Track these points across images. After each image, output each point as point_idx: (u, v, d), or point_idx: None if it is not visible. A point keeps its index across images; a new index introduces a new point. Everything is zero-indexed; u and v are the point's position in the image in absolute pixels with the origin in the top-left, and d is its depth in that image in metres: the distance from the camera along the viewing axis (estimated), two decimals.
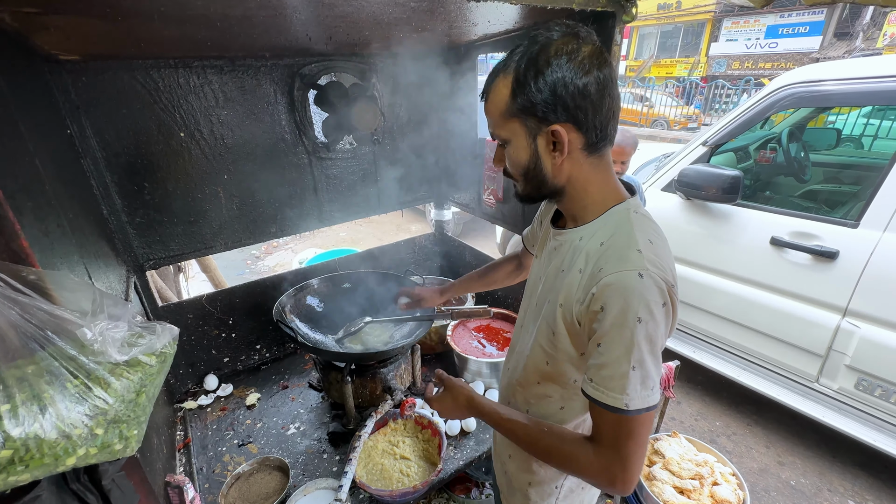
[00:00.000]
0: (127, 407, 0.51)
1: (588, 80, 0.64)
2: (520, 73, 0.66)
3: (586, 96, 0.64)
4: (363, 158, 1.77)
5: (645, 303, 0.61)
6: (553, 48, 0.64)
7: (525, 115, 0.68)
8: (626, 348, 0.62)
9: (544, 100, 0.65)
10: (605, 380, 0.64)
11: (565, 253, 0.76)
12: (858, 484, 2.14)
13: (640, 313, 0.61)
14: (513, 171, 0.76)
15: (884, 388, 1.89)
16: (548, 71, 0.63)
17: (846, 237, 1.91)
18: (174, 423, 1.45)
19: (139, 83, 1.25)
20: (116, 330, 0.48)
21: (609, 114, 0.68)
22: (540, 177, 0.73)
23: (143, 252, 1.41)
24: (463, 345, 1.62)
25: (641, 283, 0.62)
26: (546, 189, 0.74)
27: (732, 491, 1.59)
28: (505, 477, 0.98)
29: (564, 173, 0.72)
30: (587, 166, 0.72)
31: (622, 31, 1.08)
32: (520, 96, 0.67)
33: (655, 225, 0.73)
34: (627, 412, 0.63)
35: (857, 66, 2.01)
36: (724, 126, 2.37)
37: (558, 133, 0.66)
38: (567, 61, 0.63)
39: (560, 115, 0.66)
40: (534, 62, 0.64)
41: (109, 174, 1.28)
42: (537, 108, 0.66)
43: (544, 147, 0.70)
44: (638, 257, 0.64)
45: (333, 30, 1.11)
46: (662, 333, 0.65)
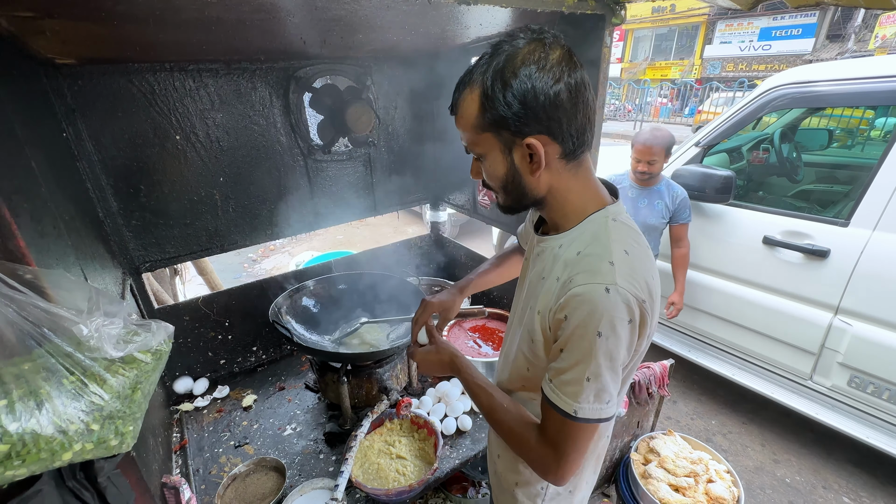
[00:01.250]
0: (122, 403, 0.52)
1: (559, 87, 0.61)
2: (486, 86, 0.63)
3: (559, 105, 0.62)
4: (358, 160, 1.78)
5: (608, 318, 0.61)
6: (519, 57, 0.61)
7: (497, 129, 0.65)
8: (584, 360, 0.63)
9: (515, 113, 0.62)
10: (561, 384, 0.66)
11: (546, 260, 0.75)
12: (853, 481, 2.16)
13: (602, 328, 0.61)
14: (491, 184, 0.74)
15: (876, 384, 1.91)
16: (516, 82, 0.61)
17: (837, 236, 1.93)
18: (170, 425, 1.45)
19: (135, 87, 1.26)
20: (112, 326, 0.49)
21: (584, 119, 0.65)
22: (519, 189, 0.71)
23: (138, 254, 1.42)
24: (458, 345, 1.63)
25: (606, 299, 0.60)
26: (527, 200, 0.73)
27: (727, 488, 1.60)
28: (495, 476, 0.99)
29: (544, 184, 0.70)
30: (566, 174, 0.70)
31: (612, 33, 1.10)
32: (489, 111, 0.64)
33: (635, 233, 0.72)
34: (575, 419, 0.65)
35: (848, 67, 2.04)
36: (717, 127, 2.40)
37: (533, 146, 0.64)
38: (536, 70, 0.60)
39: (533, 127, 0.63)
40: (500, 74, 0.61)
41: (105, 177, 1.29)
42: (509, 122, 0.63)
43: (521, 160, 0.67)
44: (609, 270, 0.62)
45: (327, 33, 1.12)
46: (624, 349, 0.64)
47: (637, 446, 1.81)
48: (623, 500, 1.70)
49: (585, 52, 1.15)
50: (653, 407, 1.87)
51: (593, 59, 1.13)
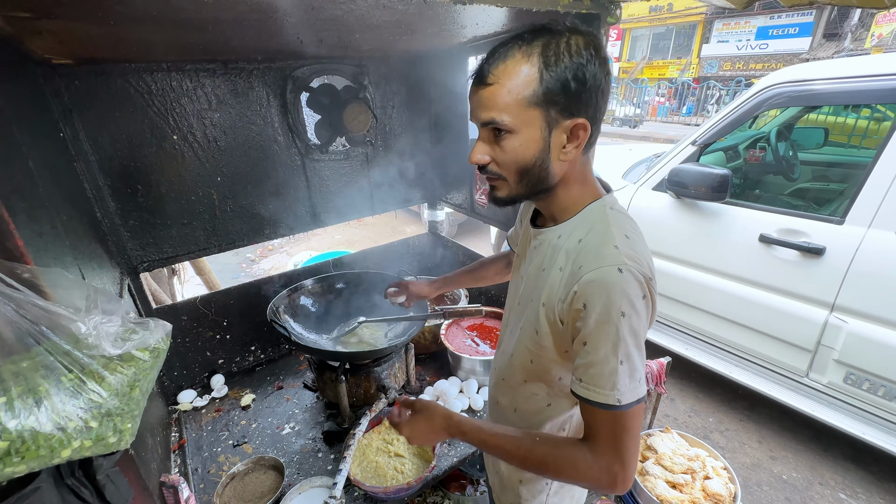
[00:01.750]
0: (121, 401, 0.52)
1: (604, 80, 0.64)
2: (549, 57, 0.61)
3: (604, 94, 0.65)
4: (356, 160, 1.78)
5: (627, 297, 0.62)
6: (581, 41, 0.62)
7: (547, 106, 0.63)
8: (613, 344, 0.62)
9: (575, 91, 0.62)
10: (594, 378, 0.64)
11: (545, 252, 0.76)
12: (849, 477, 2.17)
13: (624, 308, 0.62)
14: (507, 165, 0.69)
15: (871, 381, 1.92)
16: (580, 61, 0.61)
17: (832, 234, 1.95)
18: (169, 424, 1.45)
19: (132, 87, 1.26)
20: (110, 324, 0.50)
21: (605, 112, 0.69)
22: (541, 174, 0.69)
23: (136, 254, 1.42)
24: (456, 343, 1.64)
25: (622, 278, 0.62)
26: (540, 187, 0.71)
27: (724, 484, 1.61)
28: (497, 476, 0.98)
29: (563, 171, 0.70)
30: (579, 164, 0.71)
31: (608, 32, 1.10)
32: (547, 83, 0.61)
33: (632, 221, 0.74)
34: (621, 407, 0.63)
35: (844, 65, 2.05)
36: (713, 125, 2.41)
37: (584, 127, 0.65)
38: (594, 56, 0.62)
39: (583, 110, 0.64)
40: (567, 51, 0.61)
41: (103, 177, 1.29)
42: (565, 100, 0.62)
43: (557, 142, 0.66)
44: (615, 253, 0.64)
45: (324, 32, 1.12)
46: (645, 325, 0.66)
47: None
48: (621, 497, 1.71)
49: None
50: (650, 404, 1.88)
51: None
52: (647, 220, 2.61)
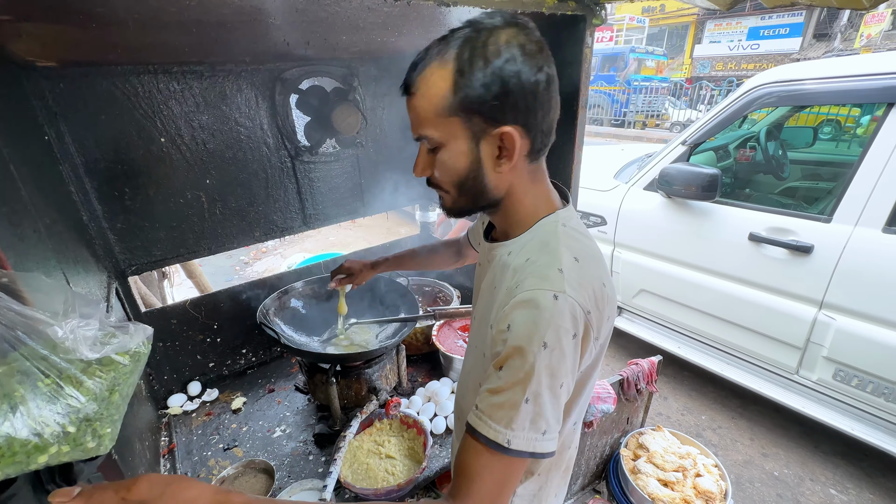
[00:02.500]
0: (100, 405, 0.52)
1: (541, 77, 0.56)
2: (464, 62, 0.54)
3: (538, 96, 0.57)
4: (347, 161, 1.78)
5: (554, 328, 0.55)
6: (503, 37, 0.54)
7: (468, 114, 0.57)
8: (525, 376, 0.54)
9: (495, 96, 0.55)
10: (492, 407, 0.56)
11: (496, 268, 0.70)
12: (839, 473, 2.19)
13: (547, 338, 0.54)
14: (444, 179, 0.64)
15: (860, 378, 1.95)
16: (499, 62, 0.54)
17: (820, 232, 1.97)
18: (158, 428, 1.44)
19: (118, 89, 1.25)
20: (88, 328, 0.49)
21: (554, 116, 0.61)
22: (479, 187, 0.63)
23: (124, 258, 1.41)
24: (448, 344, 1.64)
25: (554, 306, 0.55)
26: (482, 201, 0.66)
27: (715, 482, 1.62)
28: None
29: (505, 183, 0.64)
30: (526, 176, 0.65)
31: (593, 33, 1.11)
32: (464, 90, 0.55)
33: (587, 240, 0.67)
34: (507, 450, 0.54)
35: (832, 65, 2.08)
36: (703, 125, 2.43)
37: (510, 136, 0.57)
38: (521, 54, 0.54)
39: (510, 116, 0.57)
40: (482, 51, 0.54)
41: (89, 180, 1.28)
42: (485, 107, 0.56)
43: (488, 153, 0.60)
44: (558, 277, 0.57)
45: (310, 35, 1.12)
46: (568, 369, 0.57)
47: (627, 442, 1.83)
48: (613, 495, 1.72)
49: (567, 53, 1.16)
50: (642, 403, 1.89)
51: (575, 59, 1.14)
52: (638, 220, 2.63)
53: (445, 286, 1.99)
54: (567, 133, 1.25)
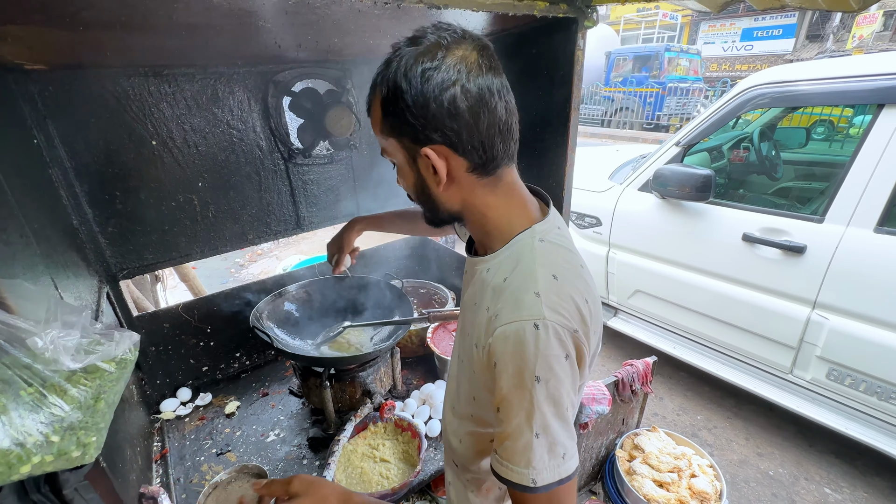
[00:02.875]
0: (84, 414, 0.51)
1: (453, 92, 0.54)
2: (385, 88, 0.57)
3: (455, 114, 0.55)
4: (340, 163, 1.77)
5: (543, 358, 0.53)
6: (415, 57, 0.54)
7: (398, 135, 0.60)
8: (528, 414, 0.54)
9: (409, 119, 0.56)
10: (508, 452, 0.56)
11: (476, 284, 0.69)
12: (833, 472, 2.21)
13: (539, 372, 0.53)
14: (407, 192, 0.68)
15: (853, 377, 1.96)
16: (406, 85, 0.54)
17: (813, 232, 1.98)
18: (151, 434, 1.43)
19: (108, 92, 1.24)
20: (69, 338, 0.49)
21: (492, 131, 0.58)
22: (431, 202, 0.65)
23: (115, 262, 1.40)
24: (443, 347, 1.63)
25: (537, 337, 0.53)
26: (441, 214, 0.67)
27: (710, 482, 1.62)
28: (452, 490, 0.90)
29: (455, 198, 0.64)
30: (481, 190, 0.63)
31: (584, 35, 1.11)
32: (388, 115, 0.58)
33: (567, 253, 0.64)
34: (537, 490, 0.54)
35: (824, 66, 2.09)
36: (696, 126, 2.44)
37: (429, 157, 0.58)
38: (430, 71, 0.54)
39: (431, 136, 0.57)
40: (396, 75, 0.55)
41: (79, 184, 1.27)
42: (406, 129, 0.58)
43: (425, 170, 0.61)
44: (534, 302, 0.55)
45: (302, 37, 1.12)
46: (568, 389, 0.56)
47: (622, 443, 1.83)
48: (609, 496, 1.72)
49: (559, 56, 1.16)
50: (637, 404, 1.89)
51: (567, 61, 1.14)
52: (633, 221, 2.63)
53: (441, 288, 1.99)
54: (560, 135, 1.25)
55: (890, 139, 1.77)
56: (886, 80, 1.81)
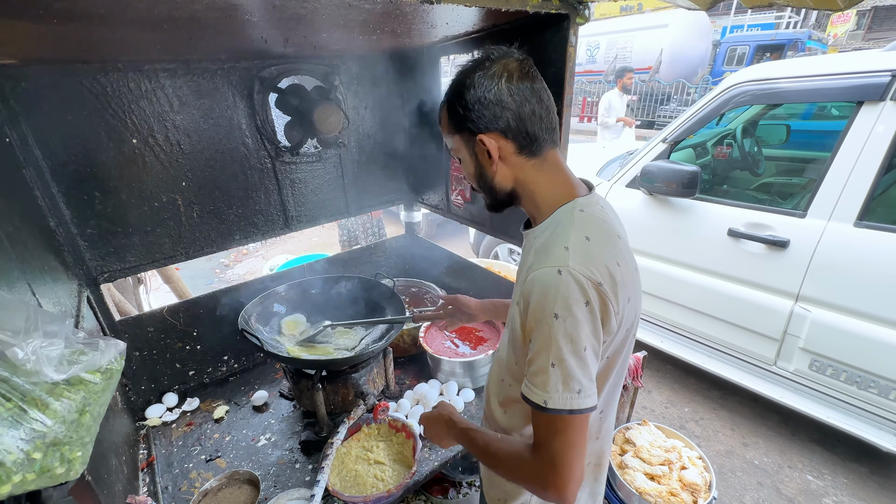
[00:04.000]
0: (69, 428, 0.49)
1: (501, 90, 0.70)
2: (450, 95, 0.76)
3: (504, 106, 0.71)
4: (329, 162, 1.74)
5: (563, 299, 0.63)
6: (470, 69, 0.73)
7: (461, 131, 0.76)
8: (546, 344, 0.64)
9: (466, 115, 0.73)
10: (531, 375, 0.67)
11: (528, 254, 0.79)
12: (815, 459, 2.27)
13: (557, 309, 0.63)
14: (470, 180, 0.83)
15: (834, 367, 2.01)
16: (465, 90, 0.72)
17: (796, 227, 2.02)
18: (136, 441, 1.39)
19: (85, 88, 1.19)
20: (52, 348, 0.46)
21: (536, 120, 0.73)
22: (489, 184, 0.79)
23: (96, 265, 1.35)
24: (436, 346, 1.62)
25: (559, 280, 0.63)
26: (499, 195, 0.80)
27: (699, 474, 1.65)
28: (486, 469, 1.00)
29: (508, 178, 0.77)
30: (530, 169, 0.76)
31: (577, 32, 1.11)
32: (453, 115, 0.76)
33: (603, 223, 0.74)
34: (548, 410, 0.64)
35: (805, 64, 2.14)
36: (683, 123, 2.47)
37: (483, 142, 0.73)
38: (482, 77, 0.71)
39: (484, 125, 0.73)
40: (457, 84, 0.74)
41: (56, 184, 1.22)
42: (466, 123, 0.74)
43: (481, 156, 0.76)
44: (562, 254, 0.66)
45: (289, 32, 1.09)
46: (588, 333, 0.64)
47: (613, 437, 1.85)
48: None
49: (551, 52, 1.15)
50: (627, 398, 1.92)
51: (559, 58, 1.14)
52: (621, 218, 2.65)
53: (432, 287, 1.97)
54: None
55: (868, 136, 1.82)
56: (865, 77, 1.86)
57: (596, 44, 12.67)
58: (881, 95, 1.78)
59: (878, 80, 1.81)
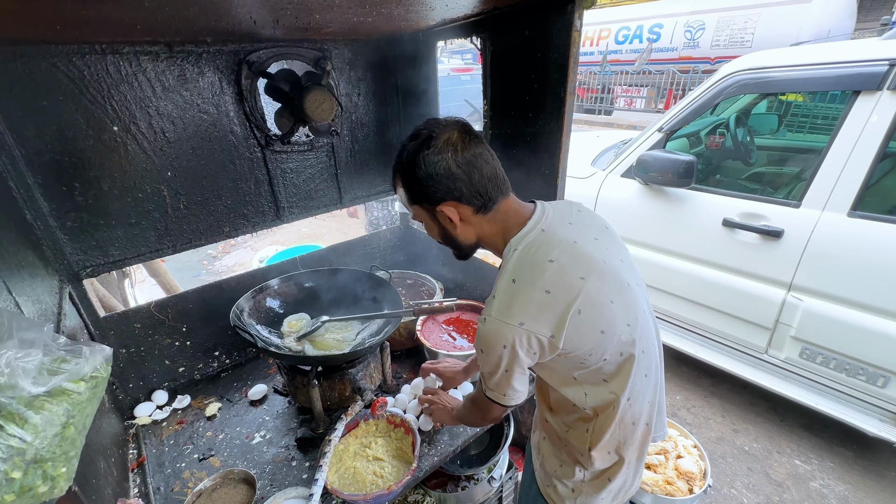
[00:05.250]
0: (51, 443, 0.45)
1: (449, 164, 0.80)
2: (403, 174, 0.85)
3: (454, 177, 0.80)
4: (321, 151, 1.68)
5: (483, 341, 0.83)
6: (415, 149, 0.82)
7: (419, 202, 0.87)
8: (481, 364, 0.88)
9: (422, 190, 0.83)
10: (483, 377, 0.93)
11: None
12: (803, 444, 2.32)
13: (482, 347, 0.84)
14: (436, 240, 0.95)
15: (824, 355, 2.05)
16: (416, 169, 0.81)
17: (790, 217, 2.03)
18: (125, 441, 1.34)
19: (60, 72, 1.12)
20: (28, 358, 0.42)
21: (484, 181, 0.82)
22: (454, 242, 0.92)
23: (77, 259, 1.29)
24: (433, 339, 1.60)
25: (484, 327, 0.82)
26: (465, 250, 0.94)
27: (695, 462, 1.67)
28: (538, 457, 1.13)
29: (472, 234, 0.89)
30: (486, 224, 0.87)
31: (582, 16, 1.06)
32: (408, 191, 0.86)
33: (536, 250, 0.82)
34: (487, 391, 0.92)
35: (801, 53, 2.12)
36: (678, 113, 2.45)
37: (444, 211, 0.84)
38: (429, 155, 0.80)
39: (441, 196, 0.83)
40: (407, 164, 0.83)
41: (31, 174, 1.14)
42: (423, 196, 0.84)
43: (444, 221, 0.87)
44: (489, 304, 0.82)
45: (280, 12, 1.03)
46: (498, 367, 0.84)
47: None
48: None
49: (555, 36, 1.11)
50: None
51: (562, 43, 1.10)
52: (616, 207, 2.65)
53: (428, 279, 1.94)
54: (553, 121, 1.21)
55: (864, 126, 1.82)
56: (862, 66, 1.85)
57: (700, 23, 9.22)
58: (878, 85, 1.78)
59: (875, 70, 1.81)
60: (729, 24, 8.86)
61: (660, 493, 1.58)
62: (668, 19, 9.68)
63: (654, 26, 9.96)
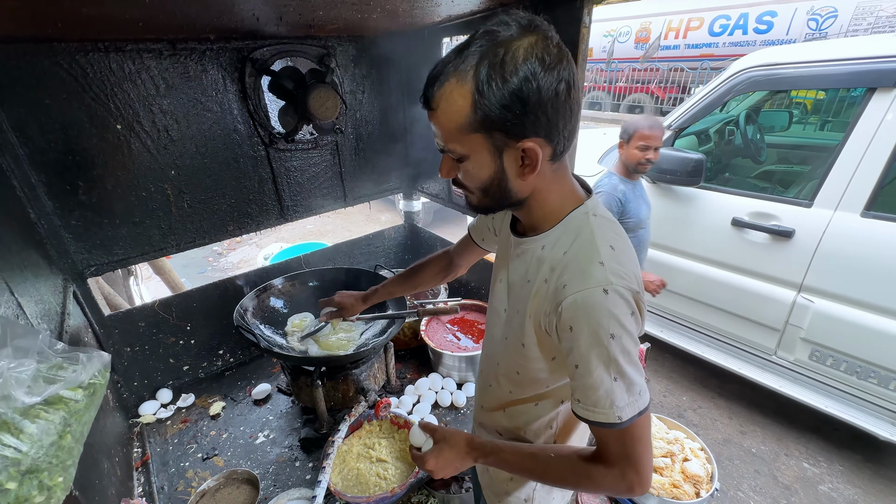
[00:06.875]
0: (47, 452, 0.44)
1: (562, 87, 0.56)
2: (481, 81, 0.55)
3: (559, 107, 0.57)
4: (325, 149, 1.67)
5: (615, 318, 0.60)
6: (521, 50, 0.54)
7: (489, 130, 0.59)
8: (605, 366, 0.61)
9: (515, 114, 0.56)
10: (592, 399, 0.63)
11: (529, 262, 0.72)
12: (811, 447, 2.29)
13: (612, 330, 0.60)
14: (469, 184, 0.68)
15: (834, 357, 2.01)
16: (517, 80, 0.54)
17: (801, 216, 1.99)
18: (130, 440, 1.35)
19: (63, 70, 1.11)
20: (22, 368, 0.41)
21: (575, 119, 0.62)
22: (503, 192, 0.66)
23: (81, 258, 1.28)
24: (437, 339, 1.59)
25: (607, 300, 0.60)
26: (507, 202, 0.69)
27: (702, 465, 1.65)
28: (487, 474, 0.96)
29: (529, 186, 0.66)
30: (549, 175, 0.67)
31: (591, 12, 1.04)
32: (483, 109, 0.56)
33: (616, 226, 0.70)
34: (623, 424, 0.62)
35: (814, 49, 2.07)
36: (688, 110, 2.41)
37: (532, 150, 0.59)
38: (541, 68, 0.54)
39: (531, 129, 0.58)
40: (499, 68, 0.54)
41: (35, 173, 1.14)
42: (506, 124, 0.57)
43: (511, 163, 0.62)
44: (601, 271, 0.61)
45: (283, 9, 1.01)
46: (635, 340, 0.64)
47: None
48: None
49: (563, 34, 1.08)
50: None
51: (571, 40, 1.07)
52: None
53: None
54: None
55: (880, 123, 1.78)
56: (877, 63, 1.80)
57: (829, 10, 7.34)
58: (895, 82, 1.73)
59: (891, 66, 1.76)
60: (873, 10, 6.75)
61: (666, 497, 1.56)
62: (784, 6, 7.61)
63: (765, 14, 7.96)
